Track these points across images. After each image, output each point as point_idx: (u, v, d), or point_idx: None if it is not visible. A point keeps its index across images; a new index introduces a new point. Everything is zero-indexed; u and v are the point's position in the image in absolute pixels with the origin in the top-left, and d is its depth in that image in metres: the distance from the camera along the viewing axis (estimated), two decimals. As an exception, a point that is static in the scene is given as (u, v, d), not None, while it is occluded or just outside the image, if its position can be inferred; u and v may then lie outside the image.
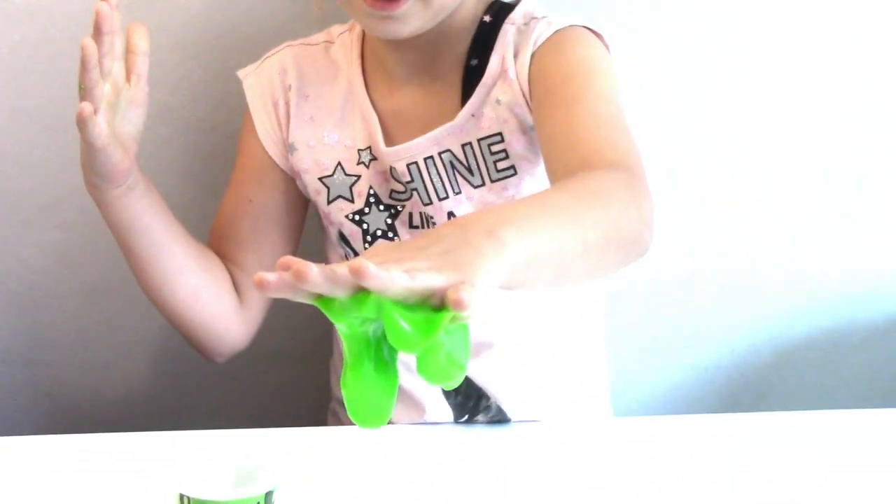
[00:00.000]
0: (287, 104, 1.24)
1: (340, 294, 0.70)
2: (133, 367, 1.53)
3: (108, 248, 1.45)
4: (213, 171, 1.43)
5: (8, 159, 1.44)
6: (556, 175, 1.05)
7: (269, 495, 0.84)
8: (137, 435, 1.14)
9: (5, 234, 1.46)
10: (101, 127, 1.04)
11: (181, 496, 0.83)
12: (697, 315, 1.60)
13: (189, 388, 1.54)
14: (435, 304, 0.72)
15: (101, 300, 1.49)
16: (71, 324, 1.50)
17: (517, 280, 0.79)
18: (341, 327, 0.75)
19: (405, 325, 0.72)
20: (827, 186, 1.57)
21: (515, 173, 1.17)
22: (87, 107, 1.02)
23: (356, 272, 0.68)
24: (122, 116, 1.08)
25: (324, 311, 0.73)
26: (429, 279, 0.71)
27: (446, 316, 0.72)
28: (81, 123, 1.03)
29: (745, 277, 1.59)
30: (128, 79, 1.08)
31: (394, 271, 0.70)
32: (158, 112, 1.42)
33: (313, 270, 0.69)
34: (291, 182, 1.26)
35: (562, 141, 1.05)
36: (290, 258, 0.71)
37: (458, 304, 0.69)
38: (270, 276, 0.69)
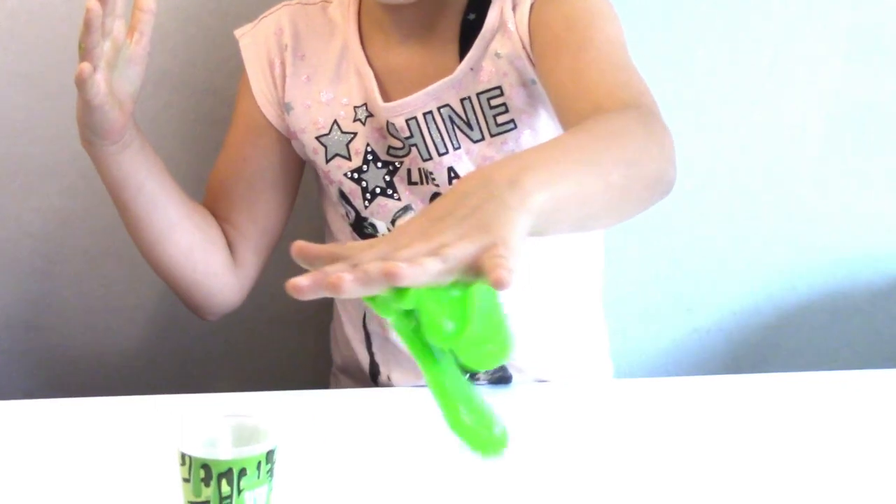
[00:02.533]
0: (283, 64, 1.24)
1: (377, 292, 0.70)
2: (135, 332, 1.53)
3: (108, 213, 1.44)
4: (212, 135, 1.43)
5: (8, 125, 1.43)
6: (568, 123, 1.05)
7: (270, 454, 0.83)
8: (139, 398, 1.15)
9: (6, 200, 1.46)
10: (99, 85, 1.04)
11: (182, 455, 0.83)
12: (698, 278, 1.60)
13: (190, 353, 1.54)
14: (470, 275, 0.71)
15: (102, 265, 1.49)
16: (72, 289, 1.50)
17: (542, 226, 0.78)
18: (390, 320, 0.75)
19: (443, 322, 0.72)
20: (828, 148, 1.56)
21: (515, 127, 1.17)
22: (87, 67, 1.02)
23: (389, 276, 0.68)
24: (120, 74, 1.08)
25: (368, 304, 0.73)
26: (460, 252, 0.71)
27: (478, 292, 0.71)
28: (80, 83, 1.03)
29: (747, 240, 1.59)
30: (129, 35, 1.07)
31: (425, 261, 0.69)
32: (157, 76, 1.42)
33: (347, 280, 0.68)
34: (286, 143, 1.26)
35: (571, 88, 1.05)
36: (303, 245, 0.72)
37: (500, 284, 0.68)
38: (304, 282, 0.69)
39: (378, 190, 1.22)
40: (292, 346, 1.55)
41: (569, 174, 0.82)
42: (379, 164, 1.21)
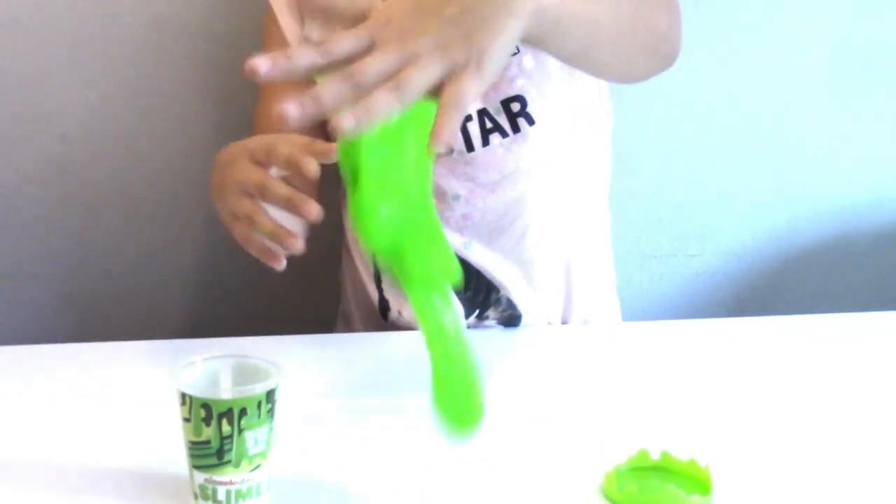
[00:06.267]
0: None
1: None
2: (135, 280, 1.52)
3: (109, 160, 1.44)
4: (207, 78, 1.41)
5: (7, 72, 1.42)
6: None
7: (270, 393, 0.83)
8: (140, 343, 1.14)
9: (6, 148, 1.44)
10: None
11: (182, 395, 0.82)
12: (703, 223, 1.59)
13: (192, 300, 1.54)
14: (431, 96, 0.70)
15: (102, 213, 1.48)
16: (73, 237, 1.49)
17: (545, 37, 0.76)
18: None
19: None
20: (833, 90, 1.55)
21: (518, 52, 1.15)
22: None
23: (335, 122, 0.68)
24: None
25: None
26: (425, 79, 0.69)
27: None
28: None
29: (750, 184, 1.58)
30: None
31: (376, 100, 0.68)
32: (151, 18, 1.40)
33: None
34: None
35: None
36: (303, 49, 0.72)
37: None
38: (265, 64, 0.71)
39: None
40: (296, 293, 1.54)
41: None
42: None
